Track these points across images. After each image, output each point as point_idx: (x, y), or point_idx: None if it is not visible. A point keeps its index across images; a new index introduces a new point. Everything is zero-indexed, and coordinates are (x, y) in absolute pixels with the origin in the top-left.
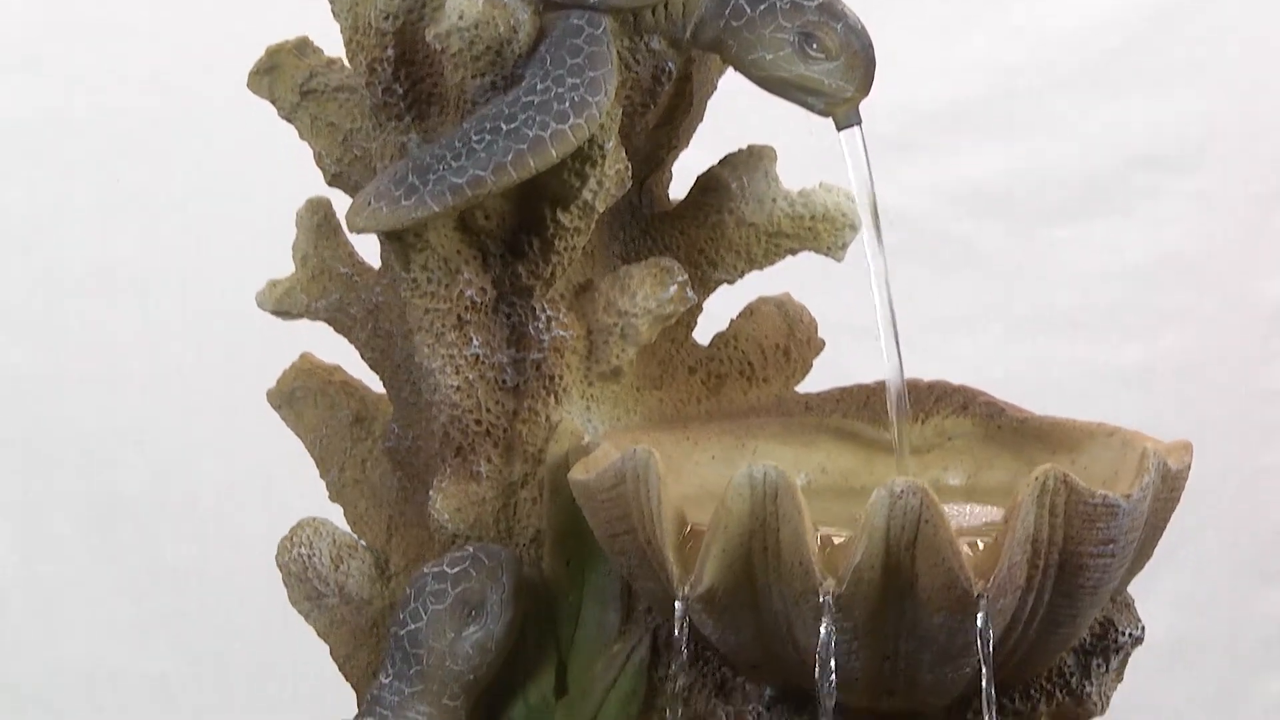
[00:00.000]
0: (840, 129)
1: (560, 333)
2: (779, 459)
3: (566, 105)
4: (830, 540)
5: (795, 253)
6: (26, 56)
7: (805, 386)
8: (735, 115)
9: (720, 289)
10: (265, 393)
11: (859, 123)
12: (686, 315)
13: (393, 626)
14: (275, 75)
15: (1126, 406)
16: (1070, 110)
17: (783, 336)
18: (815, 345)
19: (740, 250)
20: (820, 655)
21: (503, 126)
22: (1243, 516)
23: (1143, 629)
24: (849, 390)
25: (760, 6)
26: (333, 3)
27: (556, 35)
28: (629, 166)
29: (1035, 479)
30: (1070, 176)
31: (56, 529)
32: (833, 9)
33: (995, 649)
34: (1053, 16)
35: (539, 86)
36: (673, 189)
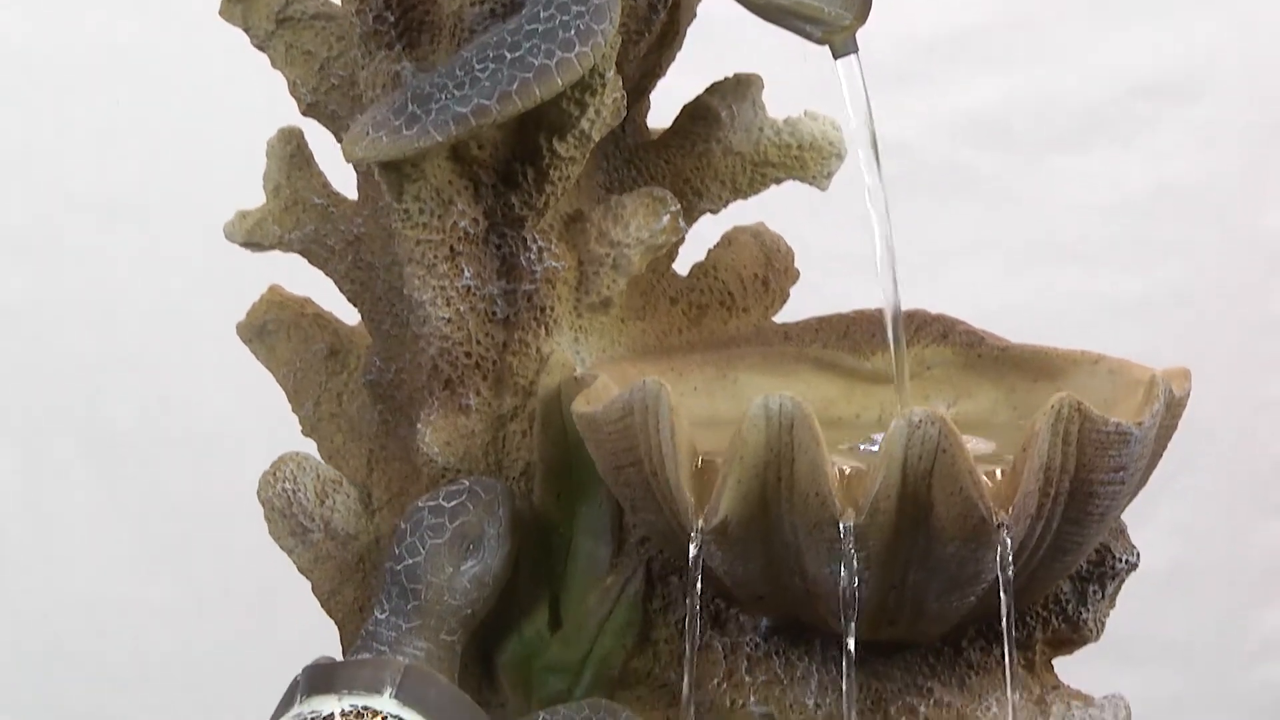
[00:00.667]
0: (837, 57)
1: (552, 264)
2: (759, 389)
3: (572, 33)
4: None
5: (780, 182)
6: None
7: (799, 316)
8: (709, 40)
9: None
10: (235, 326)
11: (856, 51)
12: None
13: (388, 561)
14: (249, 3)
15: (1125, 337)
16: (1070, 40)
17: (760, 266)
18: (792, 275)
19: (726, 180)
20: (844, 587)
21: (506, 54)
22: (1242, 448)
23: (1138, 555)
24: (827, 320)
25: None
26: None
27: None
28: (625, 95)
29: (1051, 407)
30: (1070, 106)
31: (58, 458)
32: None
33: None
34: None
35: (543, 14)
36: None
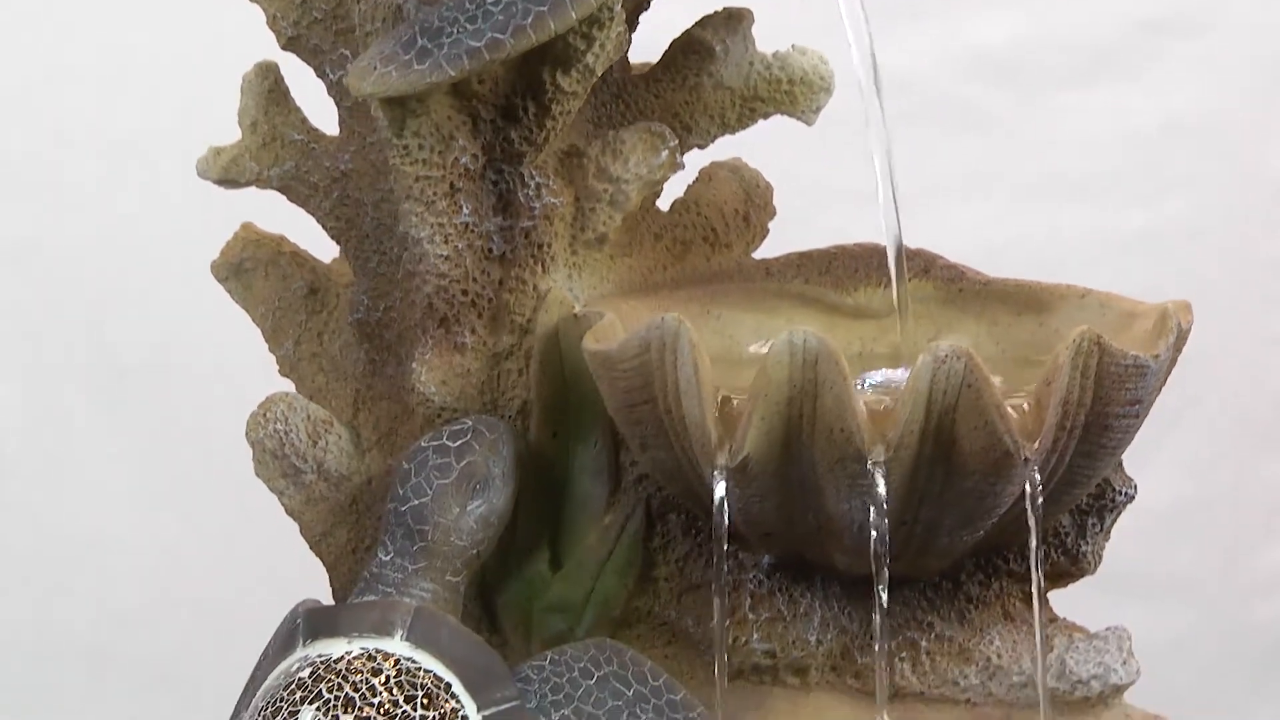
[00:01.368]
0: None
1: (551, 199)
2: (742, 326)
3: None
4: None
5: (768, 116)
6: None
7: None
8: None
9: None
10: (209, 265)
11: None
12: None
13: (391, 503)
14: None
15: (1130, 273)
16: None
17: (741, 202)
18: (771, 211)
19: (715, 114)
20: (875, 522)
21: None
22: (1247, 385)
23: (1135, 488)
24: (808, 255)
25: None
26: None
27: None
28: (626, 28)
29: (1072, 340)
30: (1077, 41)
31: (62, 396)
32: None
33: (1007, 511)
34: None
35: None
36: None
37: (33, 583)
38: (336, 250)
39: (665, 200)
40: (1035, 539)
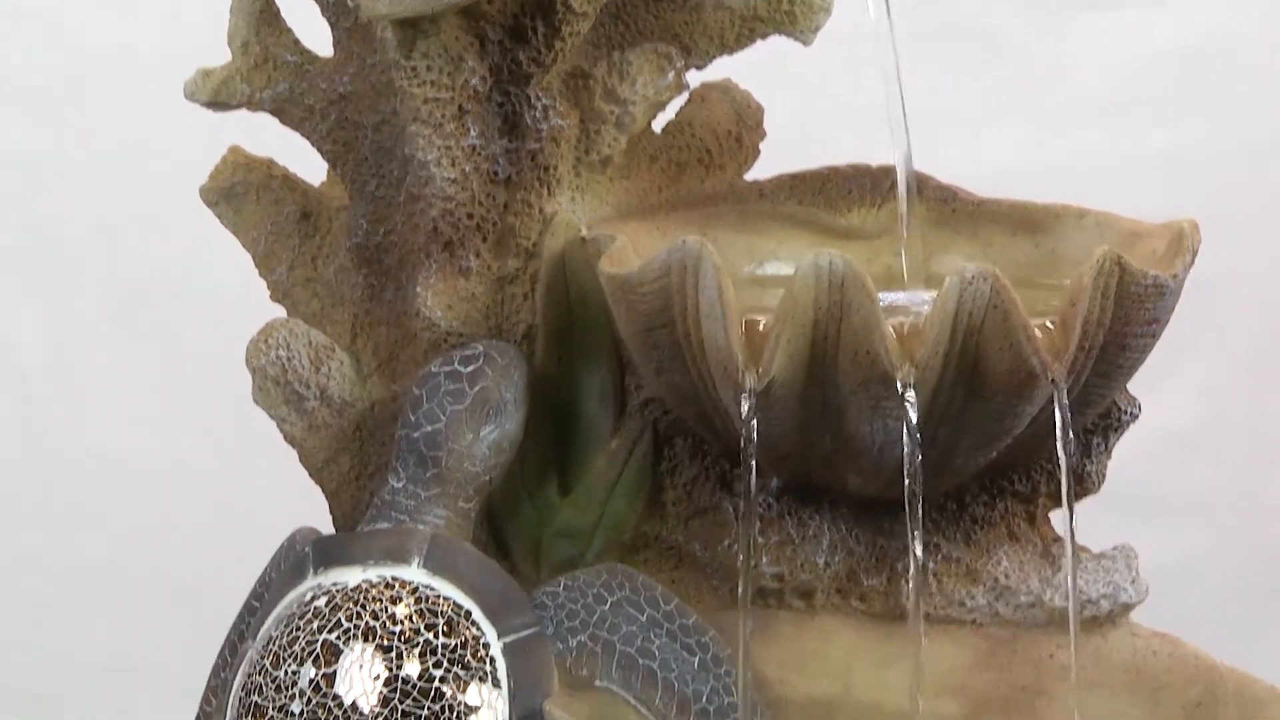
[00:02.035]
0: None
1: (558, 121)
2: (733, 248)
3: None
4: None
5: (766, 37)
6: None
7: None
8: None
9: None
10: (198, 189)
11: None
12: None
13: (402, 429)
14: None
15: (1150, 196)
16: None
17: (733, 123)
18: (762, 132)
19: (714, 35)
20: (907, 444)
21: None
22: (1266, 307)
23: (1140, 407)
24: (801, 176)
25: None
26: None
27: None
28: None
29: (1095, 260)
30: None
31: (82, 316)
32: None
33: (1022, 431)
34: None
35: None
36: None
37: (51, 502)
38: (322, 175)
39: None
40: (1065, 461)
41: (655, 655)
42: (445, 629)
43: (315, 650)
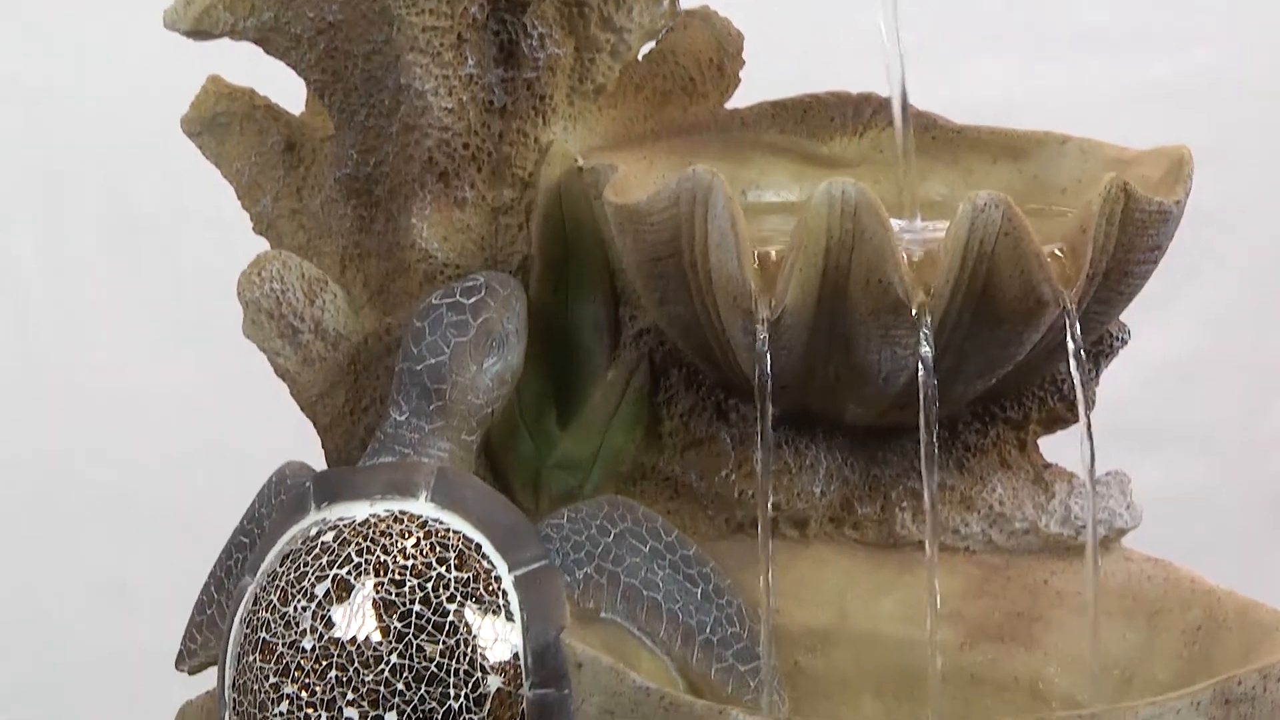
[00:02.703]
0: None
1: (554, 50)
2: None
3: None
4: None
5: None
6: None
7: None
8: None
9: None
10: (180, 120)
11: None
12: None
13: (404, 361)
14: None
15: (1151, 125)
16: None
17: (714, 51)
18: (741, 60)
19: None
20: (923, 374)
21: None
22: (1266, 236)
23: (1129, 332)
24: (783, 104)
25: None
26: None
27: None
28: None
29: (1104, 187)
30: None
31: (81, 246)
32: None
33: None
34: None
35: None
36: None
37: (54, 432)
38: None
39: None
40: (1081, 388)
41: (659, 587)
42: (456, 563)
43: (326, 585)
